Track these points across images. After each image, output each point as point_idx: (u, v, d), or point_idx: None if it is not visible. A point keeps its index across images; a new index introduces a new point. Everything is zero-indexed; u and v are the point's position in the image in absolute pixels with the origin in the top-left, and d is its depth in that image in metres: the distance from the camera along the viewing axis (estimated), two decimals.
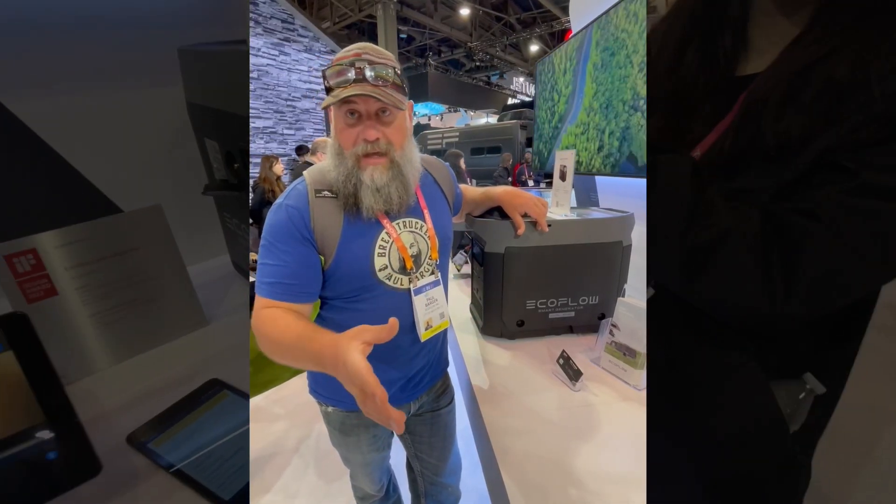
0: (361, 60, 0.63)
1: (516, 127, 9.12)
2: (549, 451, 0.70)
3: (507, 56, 14.31)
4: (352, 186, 0.66)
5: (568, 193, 1.11)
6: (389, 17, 10.52)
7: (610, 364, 0.92)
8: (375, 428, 0.82)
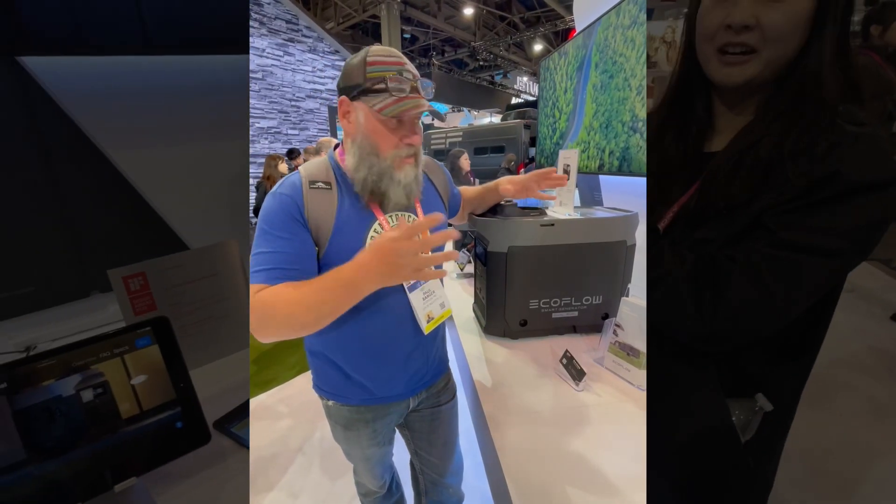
0: (408, 71, 0.68)
1: (520, 126, 9.09)
2: (553, 451, 0.70)
3: (510, 55, 14.27)
4: (384, 185, 0.69)
5: (572, 193, 1.11)
6: (393, 17, 10.53)
7: (613, 364, 0.92)
8: (375, 423, 0.82)
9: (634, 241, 1.06)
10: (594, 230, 1.02)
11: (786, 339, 0.57)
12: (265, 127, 7.02)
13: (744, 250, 0.50)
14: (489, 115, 14.17)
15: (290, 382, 2.15)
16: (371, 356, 0.76)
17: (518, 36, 12.87)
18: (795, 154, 0.48)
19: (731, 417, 0.56)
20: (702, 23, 0.53)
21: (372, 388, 0.78)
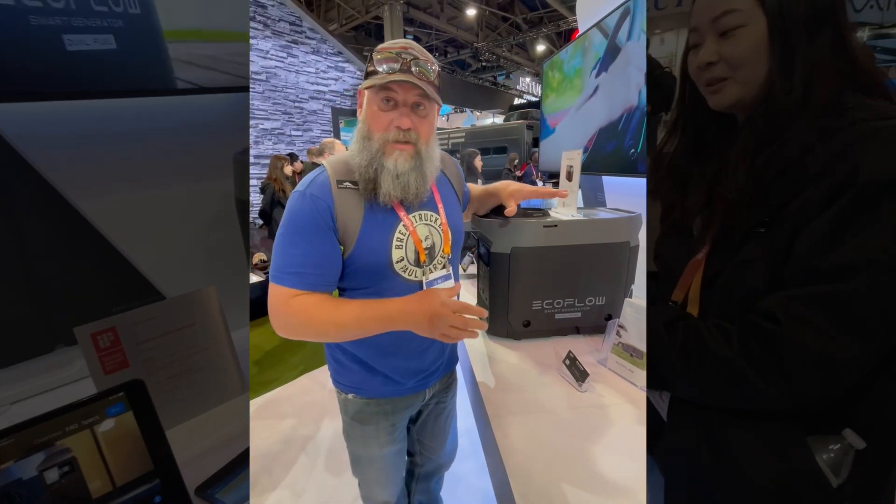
0: (408, 53, 0.66)
1: (523, 127, 9.08)
2: (555, 452, 0.70)
3: (513, 56, 14.26)
4: (373, 171, 0.67)
5: (574, 193, 1.11)
6: (396, 18, 10.55)
7: (616, 365, 0.92)
8: (394, 416, 0.83)
9: (637, 242, 1.06)
10: (597, 231, 1.02)
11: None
12: (269, 128, 7.06)
13: (782, 303, 0.48)
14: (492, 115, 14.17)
15: (293, 382, 2.16)
16: (394, 348, 0.77)
17: (521, 37, 12.87)
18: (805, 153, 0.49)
19: (815, 459, 0.50)
20: (690, 69, 0.61)
21: (394, 380, 0.79)
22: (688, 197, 0.64)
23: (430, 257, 0.75)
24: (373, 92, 0.67)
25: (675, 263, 0.64)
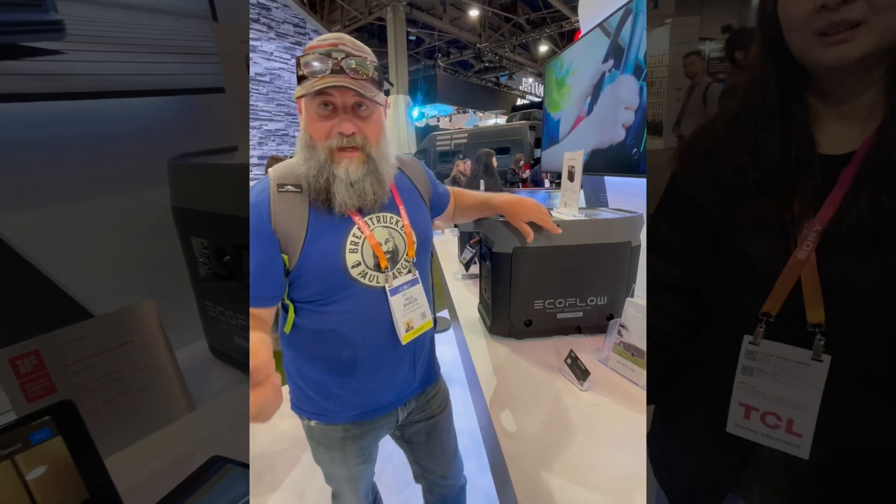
0: (339, 51, 0.60)
1: (525, 127, 9.08)
2: (557, 451, 0.70)
3: (516, 56, 14.27)
4: (324, 181, 0.63)
5: (576, 194, 1.11)
6: (399, 19, 10.59)
7: (618, 364, 0.92)
8: (363, 439, 0.79)
9: (639, 242, 1.06)
10: (599, 231, 1.02)
11: None
12: (273, 129, 7.09)
13: None
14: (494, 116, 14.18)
15: None
16: (355, 368, 0.72)
17: (523, 37, 12.88)
18: None
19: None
20: (789, 13, 0.47)
21: (358, 402, 0.74)
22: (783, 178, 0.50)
23: (392, 261, 0.70)
24: (308, 99, 0.62)
25: (765, 266, 0.51)
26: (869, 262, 0.45)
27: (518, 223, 0.95)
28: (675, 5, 1.31)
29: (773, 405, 0.51)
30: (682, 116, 1.41)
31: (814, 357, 0.48)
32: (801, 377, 0.49)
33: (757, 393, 0.52)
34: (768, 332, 0.51)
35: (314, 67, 0.60)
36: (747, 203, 0.52)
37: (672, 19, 1.33)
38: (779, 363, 0.50)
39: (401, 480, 1.43)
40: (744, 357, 0.52)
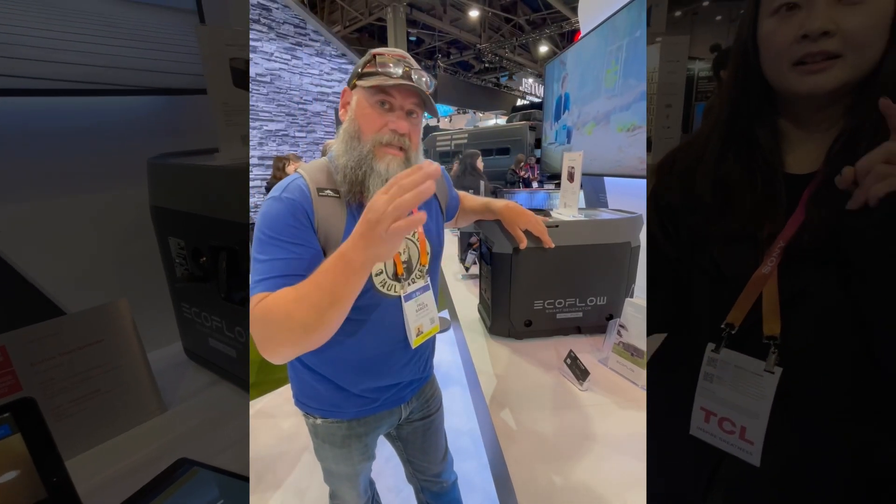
0: (408, 62, 0.66)
1: (525, 128, 9.09)
2: (557, 451, 0.71)
3: (516, 57, 14.29)
4: (361, 174, 0.64)
5: (576, 195, 1.11)
6: (399, 19, 10.60)
7: (618, 364, 0.92)
8: (367, 436, 0.81)
9: (639, 243, 1.07)
10: (599, 232, 1.03)
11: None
12: (273, 130, 7.10)
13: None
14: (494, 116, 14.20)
15: None
16: (366, 369, 0.73)
17: (523, 38, 12.89)
18: None
19: None
20: (769, 41, 0.49)
21: (365, 400, 0.76)
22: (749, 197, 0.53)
23: (407, 270, 0.72)
24: (369, 92, 0.65)
25: (733, 277, 0.53)
26: (823, 277, 0.47)
27: (514, 229, 0.96)
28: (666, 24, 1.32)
29: (729, 411, 0.54)
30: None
31: (766, 368, 0.50)
32: (755, 387, 0.51)
33: (716, 399, 0.54)
34: (730, 342, 0.53)
35: (390, 67, 0.64)
36: (719, 219, 0.55)
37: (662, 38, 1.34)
38: (736, 372, 0.53)
39: (401, 480, 1.43)
40: (705, 364, 0.55)
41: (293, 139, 7.42)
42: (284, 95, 7.16)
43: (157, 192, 0.92)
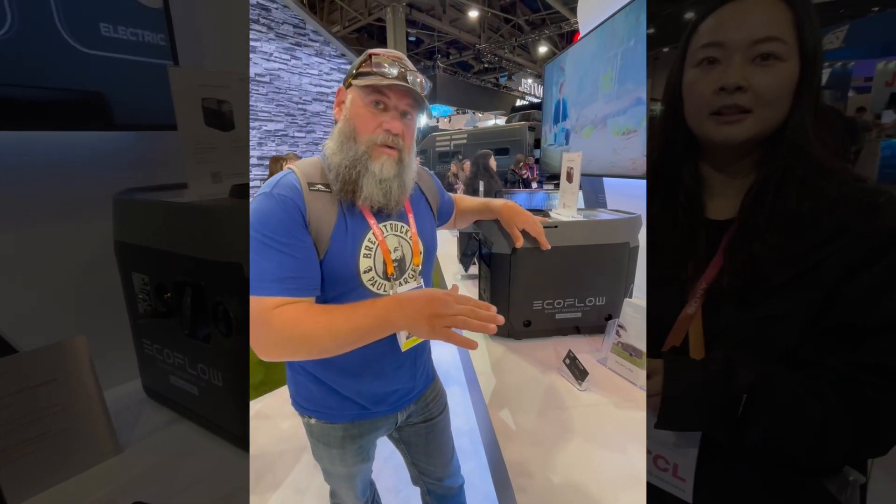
0: (403, 64, 0.67)
1: (524, 128, 9.10)
2: (556, 451, 0.71)
3: (515, 57, 14.30)
4: (355, 173, 0.64)
5: (575, 195, 1.12)
6: (399, 20, 10.60)
7: (616, 364, 0.93)
8: (362, 439, 0.80)
9: (637, 243, 1.07)
10: (598, 232, 1.03)
11: None
12: (272, 130, 7.09)
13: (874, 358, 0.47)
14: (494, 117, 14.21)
15: None
16: (358, 373, 0.73)
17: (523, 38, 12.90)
18: (837, 207, 0.49)
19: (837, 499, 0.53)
20: (691, 91, 0.55)
21: (358, 404, 0.75)
22: (672, 240, 0.59)
23: (399, 270, 0.72)
24: (364, 92, 0.65)
25: (665, 315, 0.58)
26: (742, 316, 0.52)
27: (511, 228, 0.96)
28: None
29: (663, 449, 0.56)
30: None
31: None
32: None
33: (653, 437, 0.56)
34: None
35: (385, 68, 0.65)
36: (650, 261, 0.60)
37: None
38: None
39: (400, 480, 1.43)
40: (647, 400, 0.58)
41: (292, 139, 7.42)
42: (284, 95, 7.16)
43: (122, 227, 0.92)
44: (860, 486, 0.54)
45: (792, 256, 0.50)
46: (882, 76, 7.72)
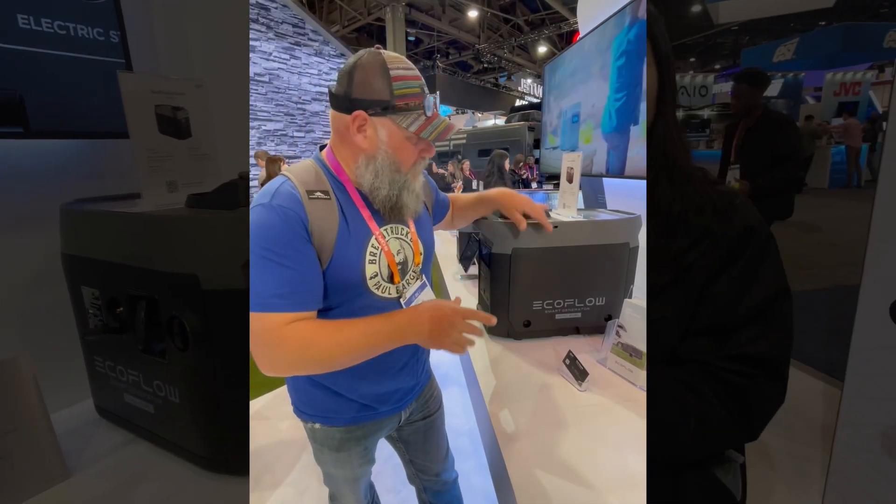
0: (423, 84, 0.67)
1: (524, 128, 9.11)
2: (556, 451, 0.71)
3: (515, 57, 14.31)
4: (395, 195, 0.67)
5: (575, 195, 1.11)
6: (398, 19, 10.60)
7: (616, 365, 0.93)
8: (367, 440, 0.80)
9: (637, 243, 1.07)
10: (598, 232, 1.03)
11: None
12: (271, 129, 7.09)
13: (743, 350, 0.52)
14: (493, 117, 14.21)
15: None
16: (363, 375, 0.72)
17: (522, 38, 12.91)
18: (700, 210, 0.53)
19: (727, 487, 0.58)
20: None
21: (363, 405, 0.75)
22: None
23: (402, 272, 0.72)
24: (400, 126, 0.64)
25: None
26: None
27: (512, 213, 0.96)
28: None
29: None
30: None
31: None
32: None
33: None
34: None
35: (428, 103, 0.65)
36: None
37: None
38: None
39: (399, 480, 1.43)
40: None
41: (291, 139, 7.41)
42: (283, 95, 7.15)
43: (71, 239, 0.87)
44: (740, 466, 0.59)
45: (667, 259, 0.54)
46: (830, 86, 8.05)
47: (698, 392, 0.52)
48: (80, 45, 0.93)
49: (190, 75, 1.00)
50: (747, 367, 0.51)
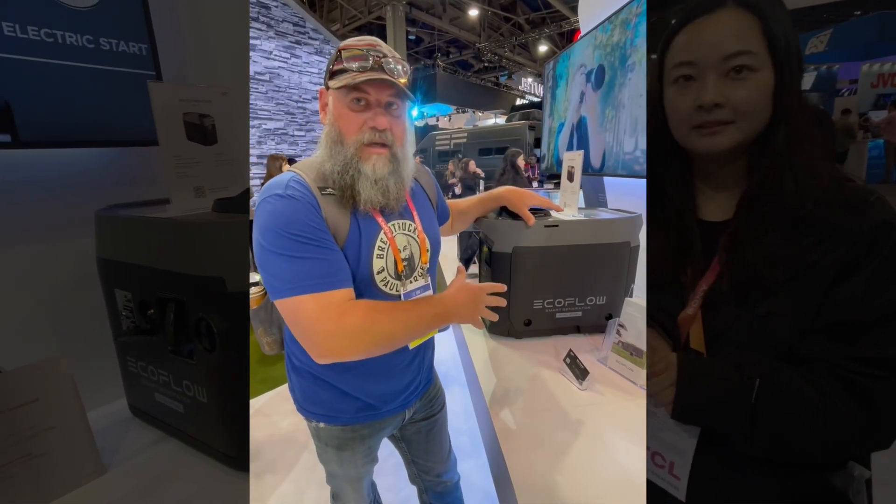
0: (377, 51, 0.62)
1: (525, 127, 9.10)
2: (556, 450, 0.71)
3: (515, 56, 14.29)
4: (349, 178, 0.62)
5: (576, 194, 1.11)
6: (398, 18, 10.59)
7: (617, 364, 0.93)
8: (371, 439, 0.80)
9: (638, 243, 1.07)
10: (598, 231, 1.03)
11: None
12: (272, 128, 7.08)
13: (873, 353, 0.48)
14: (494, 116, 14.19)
15: None
16: (369, 373, 0.72)
17: (523, 37, 12.90)
18: (829, 208, 0.50)
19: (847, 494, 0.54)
20: (672, 107, 0.56)
21: (368, 404, 0.75)
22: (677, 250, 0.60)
23: (409, 268, 0.71)
24: (342, 92, 0.62)
25: (666, 318, 0.60)
26: (743, 315, 0.53)
27: (521, 209, 0.98)
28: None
29: (661, 447, 0.57)
30: None
31: None
32: (682, 424, 0.55)
33: (653, 434, 0.58)
34: None
35: (355, 63, 0.61)
36: (650, 267, 0.62)
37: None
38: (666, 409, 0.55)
39: (400, 480, 1.43)
40: (647, 398, 0.59)
41: (292, 138, 7.41)
42: (283, 94, 7.15)
43: (105, 244, 0.90)
44: (865, 481, 0.55)
45: (787, 258, 0.51)
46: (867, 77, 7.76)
47: (824, 391, 0.49)
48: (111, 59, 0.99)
49: (213, 82, 1.03)
50: (880, 369, 0.48)
